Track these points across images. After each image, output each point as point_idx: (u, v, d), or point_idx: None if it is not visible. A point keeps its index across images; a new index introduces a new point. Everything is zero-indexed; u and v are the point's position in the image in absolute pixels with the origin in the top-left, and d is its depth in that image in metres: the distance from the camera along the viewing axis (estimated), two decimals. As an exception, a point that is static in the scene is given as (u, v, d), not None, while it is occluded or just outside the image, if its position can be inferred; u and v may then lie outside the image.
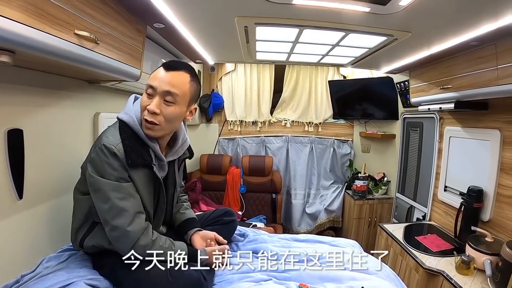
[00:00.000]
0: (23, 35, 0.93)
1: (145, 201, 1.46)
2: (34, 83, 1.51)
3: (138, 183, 1.41)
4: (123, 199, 1.35)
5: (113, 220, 1.34)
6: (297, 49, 2.55)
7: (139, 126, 1.41)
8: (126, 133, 1.39)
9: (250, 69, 4.34)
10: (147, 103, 1.38)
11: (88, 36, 1.20)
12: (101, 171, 1.34)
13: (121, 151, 1.35)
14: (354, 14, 1.65)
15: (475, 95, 2.09)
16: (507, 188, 2.19)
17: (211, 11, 1.75)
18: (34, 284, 1.28)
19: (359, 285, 1.39)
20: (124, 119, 1.42)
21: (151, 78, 1.41)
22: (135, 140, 1.40)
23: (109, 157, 1.33)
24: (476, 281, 1.96)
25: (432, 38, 2.01)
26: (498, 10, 1.48)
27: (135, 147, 1.38)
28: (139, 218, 1.40)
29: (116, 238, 1.36)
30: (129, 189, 1.38)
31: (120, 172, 1.35)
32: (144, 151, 1.41)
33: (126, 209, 1.35)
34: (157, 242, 1.43)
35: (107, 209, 1.34)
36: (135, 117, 1.42)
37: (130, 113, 1.43)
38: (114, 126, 1.44)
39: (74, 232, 1.53)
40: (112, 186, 1.34)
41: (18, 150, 1.39)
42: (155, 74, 1.41)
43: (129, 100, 1.50)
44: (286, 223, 4.52)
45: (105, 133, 1.42)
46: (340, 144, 4.54)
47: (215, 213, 1.96)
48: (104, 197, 1.34)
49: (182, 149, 1.64)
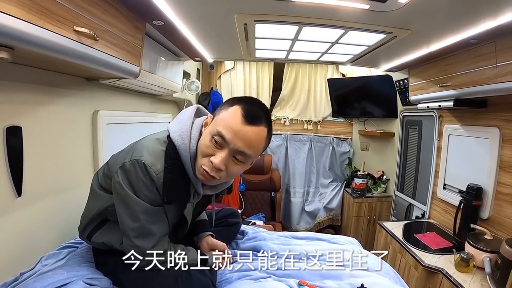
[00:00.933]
0: (22, 31, 0.93)
1: (169, 223, 1.33)
2: (33, 80, 1.51)
3: (168, 213, 1.29)
4: (153, 222, 1.25)
5: (138, 240, 1.24)
6: (296, 46, 2.55)
7: (190, 161, 1.25)
8: (172, 160, 1.23)
9: (249, 67, 4.34)
10: (211, 151, 1.20)
11: (87, 32, 1.19)
12: (136, 188, 1.21)
13: (160, 181, 1.20)
14: (353, 11, 1.65)
15: (474, 93, 2.10)
16: (506, 186, 2.20)
17: (210, 8, 1.74)
18: (33, 282, 1.26)
19: (359, 282, 1.39)
20: (176, 143, 1.25)
21: (223, 123, 1.19)
22: (178, 173, 1.25)
23: (147, 179, 1.20)
24: (476, 278, 1.96)
25: (431, 36, 2.01)
26: (498, 8, 1.48)
27: (176, 182, 1.24)
28: (163, 241, 1.31)
29: (133, 253, 1.26)
30: (160, 213, 1.26)
31: (155, 196, 1.22)
32: (184, 187, 1.28)
33: (154, 233, 1.25)
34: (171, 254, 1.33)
35: (134, 228, 1.24)
36: (190, 147, 1.25)
37: (185, 139, 1.25)
38: (160, 143, 1.27)
39: (83, 224, 1.43)
40: (143, 207, 1.22)
41: (17, 148, 1.38)
42: (230, 121, 1.19)
43: (187, 113, 1.34)
44: (285, 221, 4.53)
45: (147, 147, 1.25)
46: (339, 142, 4.55)
47: (221, 213, 1.90)
48: (134, 216, 1.23)
49: (223, 187, 1.47)
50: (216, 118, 1.23)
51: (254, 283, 1.40)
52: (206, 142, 1.21)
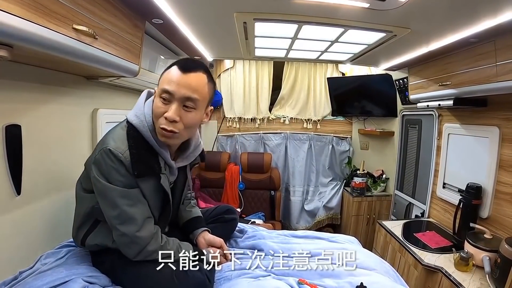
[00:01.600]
0: (21, 29, 0.93)
1: (152, 207, 1.39)
2: (32, 79, 1.51)
3: (145, 190, 1.34)
4: (131, 205, 1.29)
5: (122, 227, 1.29)
6: (296, 45, 2.55)
7: (150, 133, 1.31)
8: (134, 139, 1.30)
9: (248, 66, 4.33)
10: (163, 109, 1.28)
11: (86, 31, 1.20)
12: (108, 176, 1.27)
13: (128, 160, 1.26)
14: (353, 9, 1.65)
15: (474, 92, 2.09)
16: (506, 185, 2.20)
17: (210, 6, 1.75)
18: (32, 280, 1.27)
19: (358, 281, 1.39)
20: (133, 122, 1.32)
21: (165, 80, 1.29)
22: (143, 148, 1.31)
23: (116, 163, 1.25)
24: (475, 277, 1.97)
25: (431, 35, 2.02)
26: (497, 7, 1.48)
27: (143, 155, 1.30)
28: (148, 224, 1.35)
29: (124, 243, 1.31)
30: (137, 195, 1.31)
31: (127, 178, 1.28)
32: (153, 159, 1.33)
33: (135, 216, 1.29)
34: (165, 247, 1.39)
35: (115, 215, 1.28)
36: (146, 121, 1.32)
37: (140, 116, 1.32)
38: (121, 128, 1.34)
39: (75, 230, 1.47)
40: (120, 193, 1.27)
41: (16, 146, 1.38)
42: (169, 76, 1.29)
43: (141, 97, 1.40)
44: (285, 220, 4.52)
45: (111, 135, 1.32)
46: (338, 141, 4.54)
47: (216, 210, 1.92)
48: (112, 204, 1.27)
49: (194, 155, 1.55)
50: (159, 82, 1.33)
51: (254, 282, 1.40)
52: (156, 104, 1.30)
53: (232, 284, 1.41)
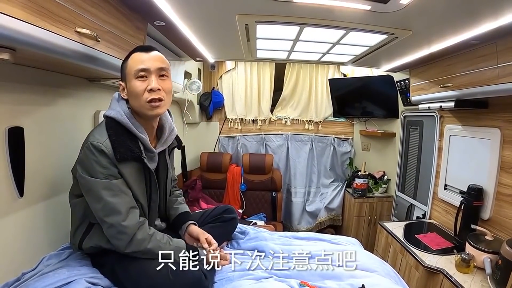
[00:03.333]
0: (24, 32, 0.93)
1: (138, 195, 1.46)
2: (35, 81, 1.51)
3: (129, 177, 1.41)
4: (114, 195, 1.35)
5: (108, 218, 1.35)
6: (297, 47, 2.55)
7: (128, 119, 1.41)
8: (113, 129, 1.39)
9: (250, 67, 4.34)
10: (144, 85, 1.39)
11: (88, 33, 1.20)
12: (90, 170, 1.34)
13: (109, 147, 1.35)
14: (354, 12, 1.65)
15: (475, 94, 2.09)
16: (507, 186, 2.19)
17: (211, 9, 1.75)
18: (35, 282, 1.28)
19: (359, 283, 1.39)
20: (111, 115, 1.42)
21: (136, 63, 1.40)
22: (122, 135, 1.40)
23: (97, 155, 1.33)
24: (476, 279, 1.96)
25: (433, 37, 2.02)
26: (498, 9, 1.48)
27: (123, 141, 1.38)
28: (133, 213, 1.40)
29: (113, 235, 1.37)
30: (120, 186, 1.38)
31: (109, 169, 1.36)
32: (132, 144, 1.41)
33: (118, 206, 1.35)
34: (155, 237, 1.44)
35: (100, 208, 1.35)
36: (122, 111, 1.42)
37: (116, 108, 1.43)
38: (100, 125, 1.45)
39: (72, 235, 1.53)
40: (102, 185, 1.34)
41: (19, 148, 1.39)
42: (138, 59, 1.41)
43: (113, 98, 1.50)
44: (286, 221, 4.54)
45: (92, 133, 1.42)
46: (340, 142, 4.55)
47: (215, 210, 1.95)
48: (96, 196, 1.34)
49: (171, 139, 1.64)
50: (127, 71, 1.43)
51: (255, 284, 1.41)
52: (135, 84, 1.40)
53: (234, 285, 1.42)
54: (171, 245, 1.46)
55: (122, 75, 1.46)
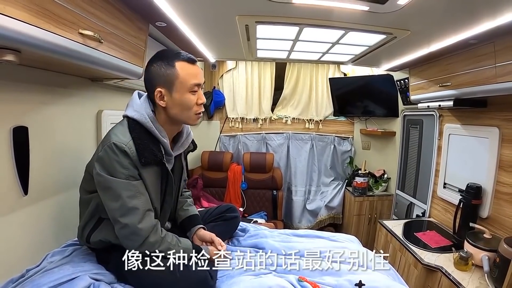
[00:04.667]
0: (29, 34, 0.96)
1: (153, 198, 1.46)
2: (39, 81, 1.55)
3: (147, 180, 1.42)
4: (133, 197, 1.35)
5: (124, 218, 1.34)
6: (297, 47, 2.58)
7: (152, 123, 1.41)
8: (136, 131, 1.39)
9: (251, 66, 4.36)
10: (195, 98, 1.45)
11: (92, 35, 1.23)
12: (111, 169, 1.33)
13: (132, 149, 1.35)
14: (353, 12, 1.67)
15: (473, 93, 2.11)
16: (505, 185, 2.21)
17: (212, 10, 1.77)
18: (40, 278, 1.31)
19: (357, 279, 1.41)
20: (135, 117, 1.41)
21: (190, 76, 1.42)
22: (146, 138, 1.39)
23: (119, 155, 1.33)
24: (474, 277, 1.98)
25: (431, 36, 2.03)
26: (496, 9, 1.50)
27: (146, 145, 1.38)
28: (149, 216, 1.40)
29: (126, 236, 1.37)
30: (139, 187, 1.38)
31: (130, 170, 1.35)
32: (155, 148, 1.41)
33: (136, 207, 1.35)
34: (166, 239, 1.44)
35: (117, 207, 1.34)
36: (146, 114, 1.41)
37: (140, 110, 1.42)
38: (122, 124, 1.43)
39: (80, 229, 1.54)
40: (122, 185, 1.34)
41: (23, 147, 1.42)
42: (192, 72, 1.43)
43: (134, 97, 1.49)
44: (287, 220, 4.55)
45: (113, 131, 1.40)
46: (340, 141, 4.56)
47: (218, 209, 1.99)
48: (115, 196, 1.34)
49: (187, 142, 1.66)
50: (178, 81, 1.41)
51: (255, 279, 1.44)
52: (190, 100, 1.44)
53: (235, 281, 1.45)
54: (179, 246, 1.46)
55: (164, 82, 1.42)
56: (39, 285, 1.25)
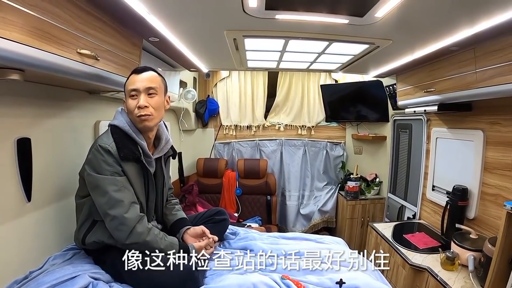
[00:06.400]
0: (31, 56, 1.04)
1: (137, 192, 1.63)
2: (41, 96, 1.64)
3: (130, 175, 1.59)
4: (118, 191, 1.52)
5: (111, 210, 1.50)
6: (285, 57, 2.62)
7: (129, 127, 1.60)
8: (117, 134, 1.58)
9: (244, 75, 4.43)
10: (135, 103, 1.59)
11: (89, 53, 1.32)
12: (98, 168, 1.51)
13: (114, 148, 1.53)
14: (334, 25, 1.73)
15: (456, 98, 2.17)
16: (490, 186, 2.26)
17: (201, 25, 1.85)
18: (42, 277, 1.39)
19: (339, 277, 1.49)
20: (115, 123, 1.61)
21: (129, 85, 1.61)
22: (125, 139, 1.58)
23: (104, 154, 1.51)
24: (460, 276, 2.03)
25: (414, 44, 2.09)
26: (473, 17, 1.54)
27: (126, 144, 1.57)
28: (134, 207, 1.56)
29: (115, 227, 1.51)
30: (123, 182, 1.55)
31: (115, 167, 1.53)
32: (133, 147, 1.59)
33: (121, 199, 1.52)
34: (153, 231, 1.60)
35: (105, 201, 1.51)
36: (125, 120, 1.61)
37: (119, 118, 1.63)
38: (106, 132, 1.63)
39: (76, 232, 1.67)
40: (108, 181, 1.51)
41: (27, 157, 1.52)
42: (130, 81, 1.62)
43: (117, 111, 1.69)
44: (281, 224, 4.58)
45: (99, 137, 1.61)
46: (332, 147, 4.61)
47: (207, 213, 2.09)
48: (102, 191, 1.50)
49: (166, 148, 1.82)
50: (125, 90, 1.65)
51: (241, 276, 1.53)
52: (128, 102, 1.62)
53: (222, 278, 1.55)
54: (166, 240, 1.62)
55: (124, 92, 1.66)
56: (42, 283, 1.34)
